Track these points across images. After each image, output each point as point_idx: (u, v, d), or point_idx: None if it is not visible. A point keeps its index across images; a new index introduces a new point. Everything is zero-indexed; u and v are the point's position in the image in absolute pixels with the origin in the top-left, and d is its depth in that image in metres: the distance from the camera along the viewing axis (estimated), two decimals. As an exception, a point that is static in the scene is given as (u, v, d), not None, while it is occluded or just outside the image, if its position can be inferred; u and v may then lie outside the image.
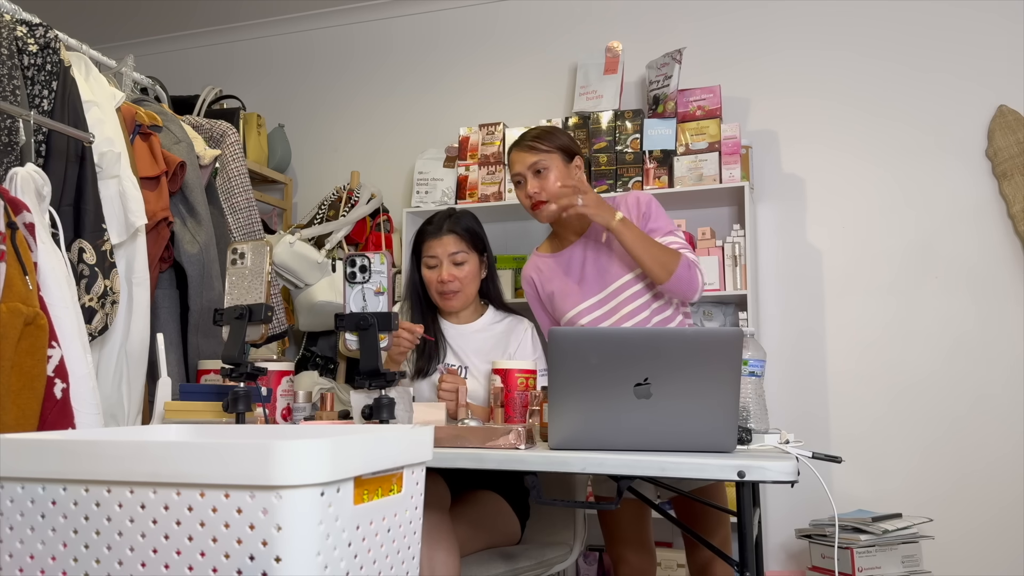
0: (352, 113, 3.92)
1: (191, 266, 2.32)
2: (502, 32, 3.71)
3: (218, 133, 2.74)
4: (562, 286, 2.20)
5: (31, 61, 1.98)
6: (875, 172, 3.16)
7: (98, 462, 0.98)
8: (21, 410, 1.64)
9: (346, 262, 1.64)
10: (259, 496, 0.93)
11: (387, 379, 1.59)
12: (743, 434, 1.56)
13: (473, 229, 2.24)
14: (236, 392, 1.59)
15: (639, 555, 2.21)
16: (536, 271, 2.28)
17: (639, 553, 2.21)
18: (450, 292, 2.19)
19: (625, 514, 2.18)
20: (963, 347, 3.00)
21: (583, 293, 2.16)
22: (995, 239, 3.01)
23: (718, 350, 1.43)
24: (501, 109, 3.62)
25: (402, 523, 1.14)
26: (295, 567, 0.93)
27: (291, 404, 1.93)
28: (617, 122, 3.23)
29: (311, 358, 3.43)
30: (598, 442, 1.48)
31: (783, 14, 3.32)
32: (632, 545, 2.20)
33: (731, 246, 3.03)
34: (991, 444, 2.93)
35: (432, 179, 3.45)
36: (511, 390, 1.87)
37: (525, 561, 2.04)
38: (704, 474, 1.38)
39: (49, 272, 1.77)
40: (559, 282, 2.21)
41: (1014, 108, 3.00)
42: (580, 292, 2.17)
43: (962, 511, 2.93)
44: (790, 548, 3.07)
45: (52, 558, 1.00)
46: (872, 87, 3.19)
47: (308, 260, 3.22)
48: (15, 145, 1.88)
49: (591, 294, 2.15)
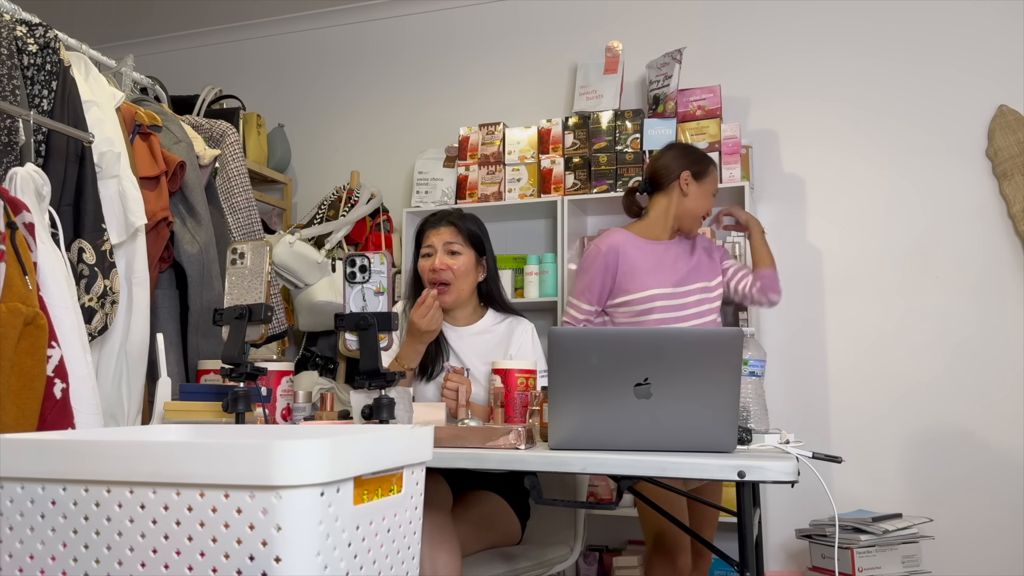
0: (352, 113, 3.92)
1: (191, 266, 2.32)
2: (502, 32, 3.71)
3: (218, 133, 2.73)
4: (653, 266, 2.40)
5: (31, 61, 1.98)
6: (875, 172, 3.16)
7: (98, 462, 0.98)
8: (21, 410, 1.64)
9: (346, 262, 1.64)
10: (259, 496, 0.93)
11: (387, 379, 1.59)
12: (743, 434, 1.56)
13: (474, 230, 2.24)
14: (236, 392, 1.59)
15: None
16: (628, 243, 2.42)
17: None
18: (442, 282, 2.17)
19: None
20: (963, 347, 3.00)
21: (668, 280, 2.39)
22: (995, 239, 3.01)
23: (718, 350, 1.43)
24: (501, 109, 3.62)
25: (402, 523, 1.14)
26: (295, 567, 0.93)
27: (291, 404, 1.93)
28: (617, 122, 3.23)
29: (311, 358, 3.43)
30: (598, 442, 1.48)
31: (783, 14, 3.32)
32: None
33: (731, 246, 3.03)
34: (991, 444, 2.93)
35: (432, 179, 3.45)
36: (511, 390, 1.87)
37: (525, 561, 2.04)
38: (704, 474, 1.38)
39: (49, 272, 1.76)
40: (651, 262, 2.41)
41: (1014, 108, 3.00)
42: (667, 278, 2.39)
43: (962, 511, 2.93)
44: (790, 548, 3.07)
45: (52, 558, 1.00)
46: (872, 87, 3.19)
47: (308, 260, 3.22)
48: (15, 145, 1.88)
49: (674, 284, 2.40)
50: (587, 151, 3.25)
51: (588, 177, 3.22)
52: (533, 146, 3.33)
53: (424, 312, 2.05)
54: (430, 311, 2.05)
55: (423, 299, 2.07)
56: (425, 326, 2.06)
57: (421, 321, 2.05)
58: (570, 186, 3.25)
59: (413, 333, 2.08)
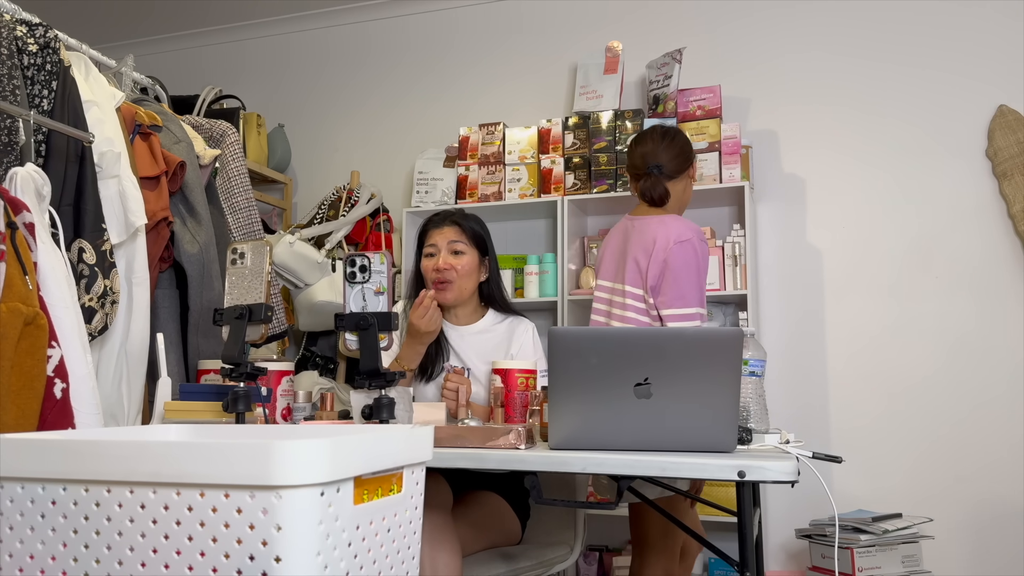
0: (352, 113, 3.92)
1: (191, 266, 2.32)
2: (502, 32, 3.71)
3: (218, 133, 2.73)
4: None
5: (31, 61, 1.98)
6: (875, 172, 3.16)
7: (98, 462, 0.98)
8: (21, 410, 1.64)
9: (346, 262, 1.64)
10: (259, 496, 0.93)
11: (387, 379, 1.59)
12: (743, 434, 1.56)
13: (477, 230, 2.24)
14: (236, 392, 1.59)
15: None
16: None
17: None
18: (444, 281, 2.17)
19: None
20: (963, 347, 3.00)
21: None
22: (995, 239, 3.01)
23: (718, 350, 1.43)
24: (501, 109, 3.62)
25: (402, 523, 1.14)
26: (295, 567, 0.93)
27: (291, 404, 1.93)
28: (617, 122, 3.23)
29: (311, 358, 3.43)
30: (598, 442, 1.48)
31: (784, 14, 3.32)
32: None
33: (731, 246, 3.03)
34: (991, 444, 2.93)
35: (432, 179, 3.45)
36: (511, 390, 1.87)
37: (526, 561, 2.04)
38: (704, 474, 1.38)
39: (49, 272, 1.76)
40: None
41: (1014, 108, 3.00)
42: None
43: (962, 511, 2.93)
44: (790, 548, 3.07)
45: (52, 558, 1.00)
46: (872, 87, 3.19)
47: (308, 260, 3.22)
48: (15, 145, 1.88)
49: None
50: (587, 151, 3.25)
51: (588, 177, 3.22)
52: (533, 146, 3.33)
53: (423, 313, 2.05)
54: (428, 311, 2.05)
55: (420, 300, 2.07)
56: (424, 327, 2.06)
57: (420, 322, 2.05)
58: (570, 186, 3.25)
59: (413, 334, 2.08)
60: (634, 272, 2.26)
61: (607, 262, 2.39)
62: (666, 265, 2.19)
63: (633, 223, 2.34)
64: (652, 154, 2.29)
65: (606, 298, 2.37)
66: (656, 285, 2.22)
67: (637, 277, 2.26)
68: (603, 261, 2.42)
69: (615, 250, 2.38)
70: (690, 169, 2.37)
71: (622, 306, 2.29)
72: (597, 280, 2.42)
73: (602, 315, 2.38)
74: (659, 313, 2.22)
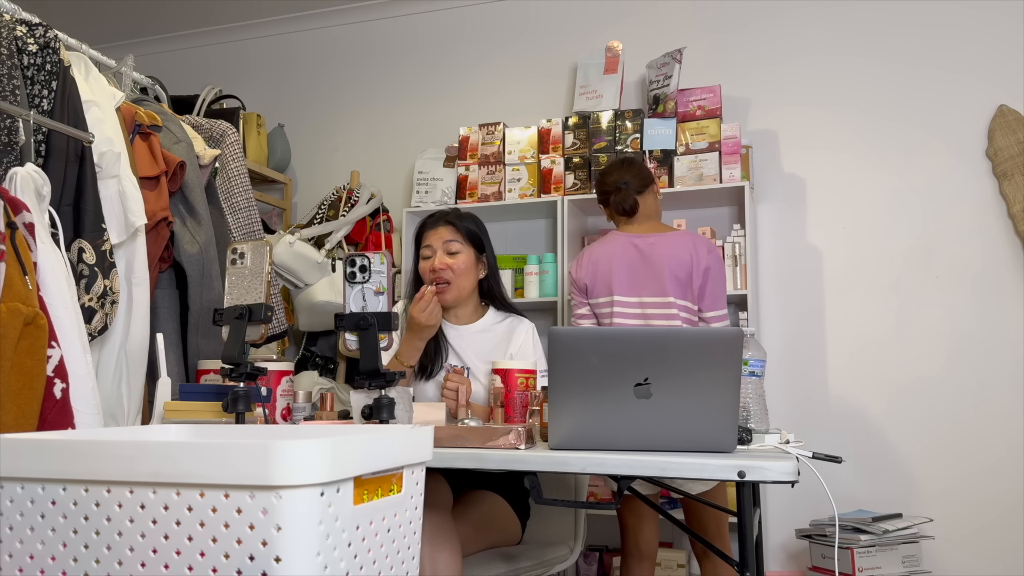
0: (352, 113, 3.92)
1: (191, 266, 2.32)
2: (502, 32, 3.71)
3: (218, 133, 2.73)
4: None
5: (31, 61, 1.98)
6: (875, 172, 3.16)
7: (98, 462, 0.98)
8: (21, 410, 1.64)
9: (346, 262, 1.64)
10: (259, 496, 0.93)
11: (387, 379, 1.59)
12: (743, 434, 1.56)
13: (471, 227, 2.24)
14: (236, 392, 1.59)
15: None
16: None
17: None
18: (443, 282, 2.18)
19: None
20: (963, 347, 3.00)
21: None
22: (995, 239, 3.01)
23: (718, 350, 1.43)
24: (501, 109, 3.62)
25: (402, 523, 1.14)
26: (295, 567, 0.92)
27: (291, 404, 1.92)
28: (617, 122, 3.23)
29: (311, 358, 3.43)
30: (598, 442, 1.48)
31: (784, 14, 3.32)
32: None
33: (731, 246, 3.03)
34: (991, 444, 2.93)
35: (432, 179, 3.45)
36: (511, 390, 1.87)
37: (526, 561, 2.04)
38: (704, 474, 1.38)
39: (49, 272, 1.76)
40: None
41: (1014, 108, 3.00)
42: None
43: (962, 511, 2.93)
44: (790, 548, 3.07)
45: (52, 558, 1.00)
46: (872, 87, 3.19)
47: (308, 260, 3.22)
48: (15, 145, 1.88)
49: None
50: (587, 151, 3.25)
51: (588, 177, 3.22)
52: (533, 146, 3.33)
53: (423, 307, 2.05)
54: (429, 305, 2.06)
55: (421, 294, 2.07)
56: (424, 320, 2.06)
57: (420, 316, 2.05)
58: (570, 186, 3.25)
59: (412, 329, 2.08)
60: (676, 285, 2.40)
61: (621, 278, 2.43)
62: (708, 272, 2.41)
63: (643, 240, 2.45)
64: (618, 176, 2.54)
65: (637, 312, 2.42)
66: (701, 292, 2.42)
67: (679, 289, 2.40)
68: (614, 277, 2.43)
69: (631, 266, 2.43)
70: (653, 186, 2.56)
71: (667, 317, 2.40)
72: (613, 296, 2.43)
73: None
74: (702, 317, 2.42)
